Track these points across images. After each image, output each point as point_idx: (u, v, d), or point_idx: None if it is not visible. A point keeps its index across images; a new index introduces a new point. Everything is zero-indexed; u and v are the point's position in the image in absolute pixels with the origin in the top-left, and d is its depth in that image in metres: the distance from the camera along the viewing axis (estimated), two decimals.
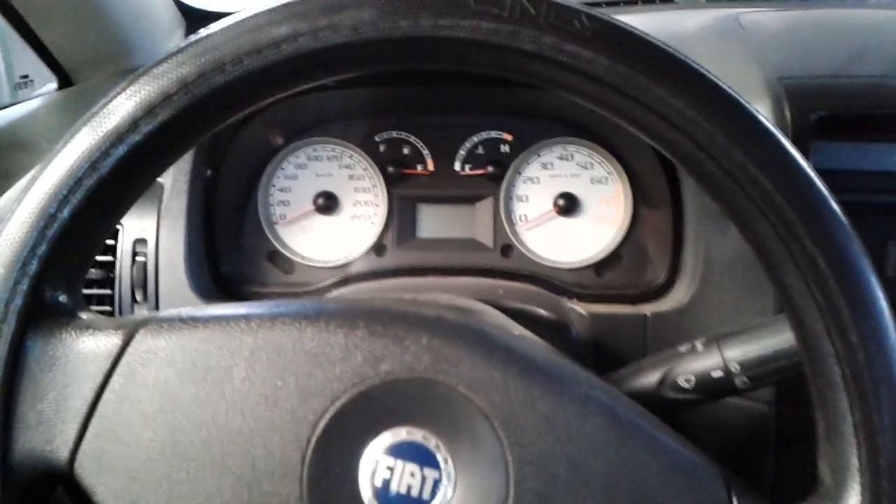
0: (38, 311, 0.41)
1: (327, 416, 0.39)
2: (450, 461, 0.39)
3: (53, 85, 1.00)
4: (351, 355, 0.40)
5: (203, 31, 0.40)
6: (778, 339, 0.53)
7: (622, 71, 0.37)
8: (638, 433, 0.41)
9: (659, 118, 0.38)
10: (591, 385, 0.42)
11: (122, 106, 0.40)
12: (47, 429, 0.40)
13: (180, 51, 0.40)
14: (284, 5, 0.39)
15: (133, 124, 0.40)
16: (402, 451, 0.39)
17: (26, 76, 1.11)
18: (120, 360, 0.41)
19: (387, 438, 0.39)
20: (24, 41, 0.93)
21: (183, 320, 0.42)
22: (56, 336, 0.42)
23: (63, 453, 0.40)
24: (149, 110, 0.39)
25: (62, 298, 0.43)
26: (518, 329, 0.57)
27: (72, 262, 0.43)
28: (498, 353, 0.41)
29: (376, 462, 0.39)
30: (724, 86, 0.38)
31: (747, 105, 0.38)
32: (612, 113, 0.40)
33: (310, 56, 0.39)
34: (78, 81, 0.99)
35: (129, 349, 0.41)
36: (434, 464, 0.39)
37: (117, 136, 0.40)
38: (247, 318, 0.42)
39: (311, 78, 0.41)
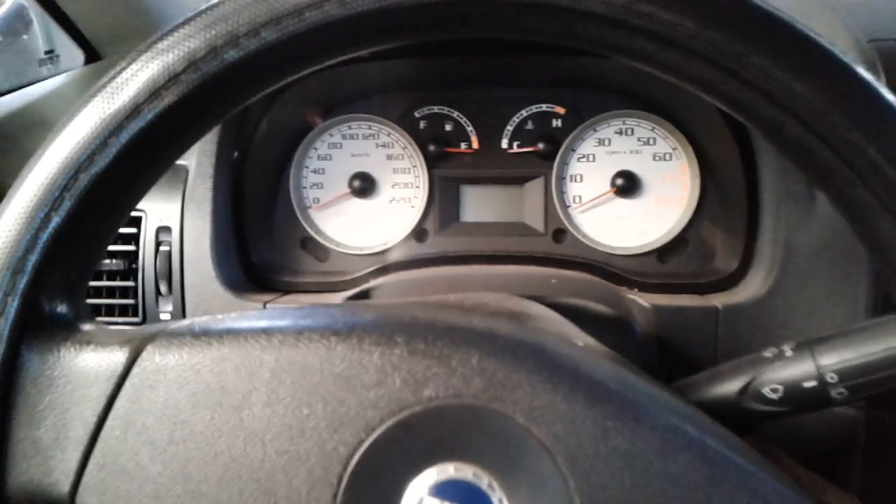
0: (33, 324, 0.38)
1: (362, 450, 0.35)
2: (505, 503, 0.34)
3: (80, 60, 0.99)
4: (388, 378, 0.36)
5: None
6: (883, 344, 0.48)
7: (713, 36, 0.32)
8: (732, 472, 0.35)
9: (759, 94, 0.33)
10: (674, 412, 0.37)
11: (122, 87, 0.36)
12: (45, 459, 0.37)
13: (187, 21, 0.36)
14: None
15: (135, 109, 0.36)
16: (450, 490, 0.35)
17: (51, 51, 1.09)
18: (125, 380, 0.37)
19: (431, 476, 0.35)
20: (48, 14, 0.92)
21: (195, 335, 0.38)
22: (54, 353, 0.38)
23: (63, 487, 0.37)
24: (153, 92, 0.35)
25: (61, 309, 0.40)
26: (582, 338, 0.52)
27: (71, 267, 0.40)
28: (562, 376, 0.36)
29: (419, 503, 0.34)
30: (838, 53, 0.33)
31: (869, 77, 0.33)
32: (699, 88, 0.35)
33: (338, 25, 0.34)
34: (106, 55, 0.98)
35: (136, 368, 0.37)
36: None
37: (116, 124, 0.36)
38: (268, 332, 0.38)
39: (340, 51, 0.37)
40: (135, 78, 0.36)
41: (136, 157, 0.37)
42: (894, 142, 0.32)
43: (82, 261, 0.40)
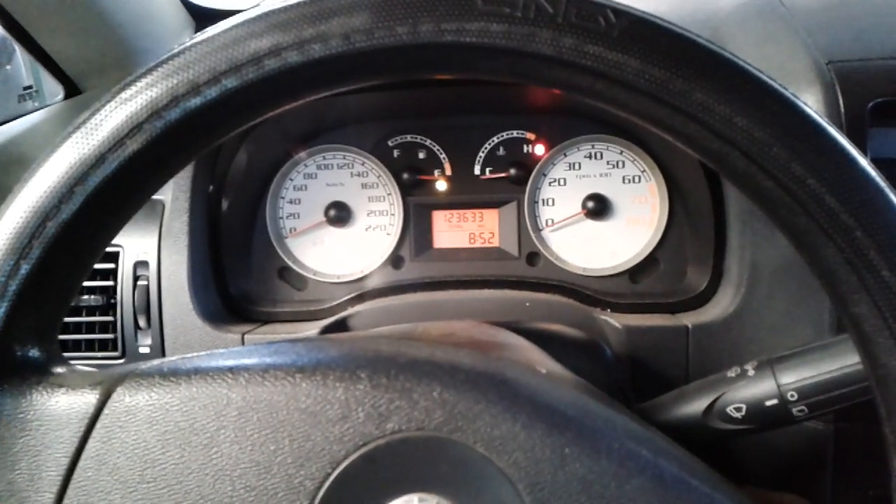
0: (5, 369, 0.38)
1: (328, 484, 0.35)
2: None
3: (61, 95, 0.98)
4: (353, 413, 0.36)
5: (177, 46, 0.36)
6: (839, 363, 0.49)
7: (656, 74, 0.33)
8: (686, 494, 0.36)
9: (702, 127, 0.34)
10: (630, 437, 0.37)
11: (87, 137, 0.36)
12: (20, 500, 0.37)
13: (149, 71, 0.36)
14: (265, 14, 0.35)
15: (99, 158, 0.36)
16: None
17: (30, 87, 1.09)
18: (96, 421, 0.37)
19: None
20: (27, 51, 0.91)
21: (164, 375, 0.38)
22: (27, 396, 0.38)
23: None
24: (117, 141, 0.36)
25: (33, 353, 0.40)
26: (547, 365, 0.52)
27: (42, 312, 0.39)
28: (522, 405, 0.36)
29: None
30: (778, 87, 0.34)
31: (807, 109, 0.33)
32: (646, 121, 0.35)
33: (296, 72, 0.35)
34: (85, 89, 0.97)
35: (106, 410, 0.37)
36: None
37: (82, 173, 0.36)
38: (234, 371, 0.38)
39: (299, 95, 0.37)
40: (99, 127, 0.36)
41: (103, 204, 0.37)
42: (833, 171, 0.33)
43: (53, 305, 0.40)
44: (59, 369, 0.40)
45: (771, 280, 0.70)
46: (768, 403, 0.50)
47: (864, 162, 0.33)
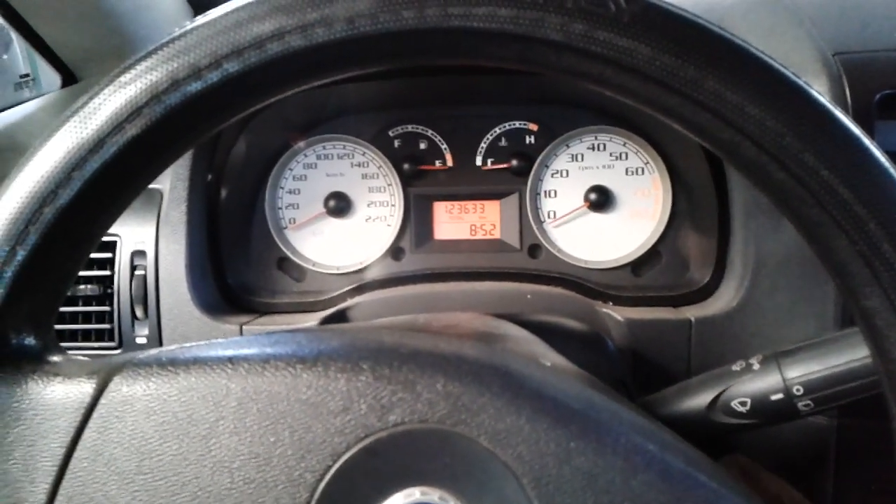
0: (0, 357, 0.38)
1: (329, 476, 0.35)
2: None
3: (58, 83, 0.97)
4: (354, 404, 0.35)
5: (177, 29, 0.36)
6: (847, 357, 0.48)
7: (667, 62, 0.32)
8: (693, 489, 0.35)
9: (713, 116, 0.33)
10: (637, 430, 0.37)
11: (85, 121, 0.36)
12: (14, 491, 0.37)
13: (150, 54, 0.35)
14: None
15: (98, 142, 0.35)
16: None
17: (26, 75, 1.08)
18: (93, 411, 0.37)
19: (398, 500, 0.35)
20: (23, 38, 0.91)
21: (162, 365, 0.38)
22: (22, 385, 0.38)
23: None
24: (116, 125, 0.35)
25: (28, 341, 0.39)
26: (550, 357, 0.52)
27: (38, 299, 0.39)
28: (526, 398, 0.36)
29: None
30: (791, 75, 0.33)
31: (821, 98, 0.33)
32: (656, 110, 0.35)
33: (300, 56, 0.34)
34: (83, 78, 0.96)
35: (103, 399, 0.37)
36: None
37: (80, 158, 0.36)
38: (234, 361, 0.37)
39: (302, 80, 0.37)
40: (98, 111, 0.35)
41: (101, 190, 0.37)
42: (846, 162, 0.32)
43: (49, 293, 0.40)
44: (55, 358, 0.40)
45: (775, 274, 0.69)
46: (774, 398, 0.50)
47: (878, 153, 0.32)
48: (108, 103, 0.35)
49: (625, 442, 0.35)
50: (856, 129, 0.32)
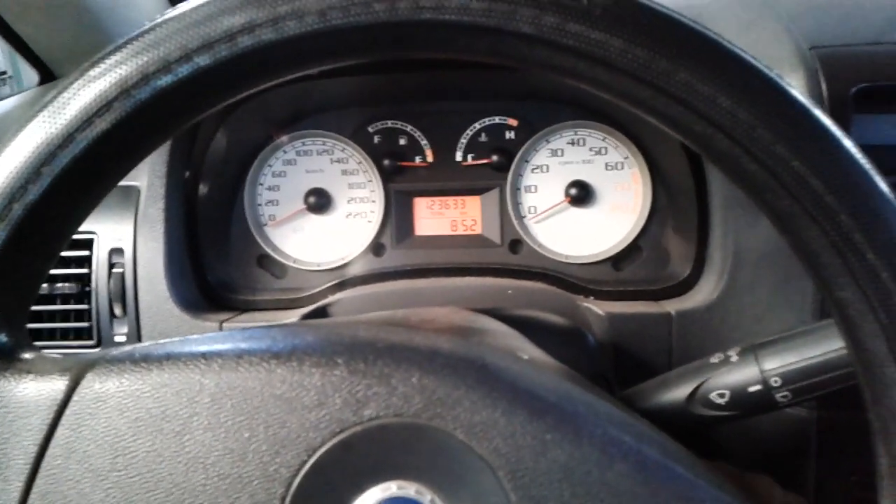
0: None
1: (304, 471, 0.35)
2: None
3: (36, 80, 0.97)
4: (329, 399, 0.35)
5: (147, 23, 0.35)
6: (823, 348, 0.49)
7: (639, 54, 0.32)
8: (669, 480, 0.35)
9: (685, 108, 0.33)
10: (613, 422, 0.37)
11: (54, 116, 0.35)
12: None
13: (119, 47, 0.35)
14: None
15: (67, 137, 0.35)
16: None
17: (3, 73, 1.07)
18: (66, 408, 0.37)
19: (374, 495, 0.35)
20: (2, 37, 0.90)
21: (135, 361, 0.38)
22: None
23: None
24: (85, 120, 0.35)
25: (0, 339, 0.39)
26: (528, 351, 0.52)
27: (10, 296, 0.39)
28: (502, 391, 0.36)
29: None
30: (762, 68, 0.33)
31: (793, 90, 0.33)
32: (629, 103, 0.35)
33: (271, 50, 0.34)
34: (61, 75, 0.96)
35: (76, 396, 0.37)
36: None
37: (49, 153, 0.35)
38: (208, 357, 0.37)
39: (274, 74, 0.36)
40: (67, 106, 0.35)
41: (72, 186, 0.36)
42: (818, 153, 0.32)
43: (20, 290, 0.39)
44: (28, 355, 0.39)
45: (754, 267, 0.70)
46: (752, 389, 0.50)
47: (849, 144, 0.33)
48: (78, 98, 0.35)
49: (601, 433, 0.35)
50: (827, 121, 0.33)
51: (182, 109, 0.37)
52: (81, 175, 0.36)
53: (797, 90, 0.33)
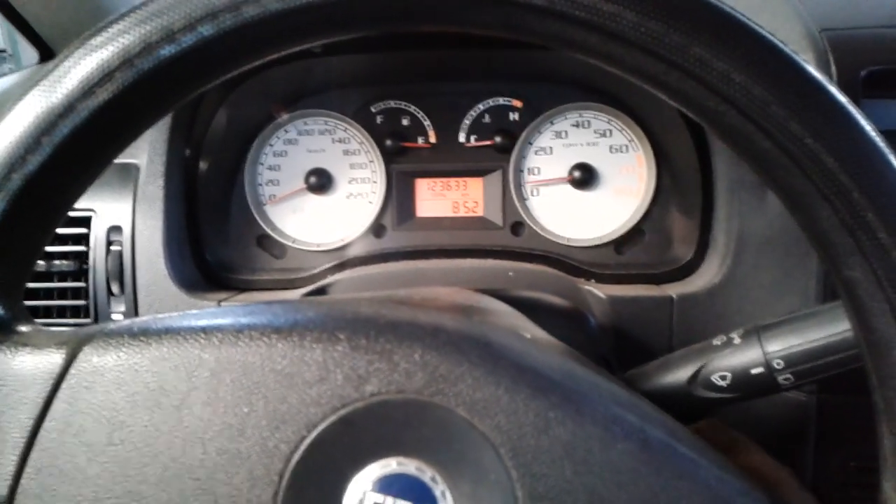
0: None
1: (303, 447, 0.34)
2: (448, 496, 0.34)
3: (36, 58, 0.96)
4: (330, 374, 0.35)
5: None
6: (827, 331, 0.48)
7: (653, 27, 0.32)
8: (672, 459, 0.35)
9: (698, 83, 0.33)
10: (616, 401, 0.37)
11: (55, 85, 0.35)
12: None
13: (122, 17, 0.34)
14: None
15: (68, 107, 0.35)
16: (393, 485, 0.34)
17: (3, 50, 1.06)
18: (62, 382, 0.36)
19: (374, 471, 0.34)
20: (1, 14, 0.90)
21: (133, 335, 0.37)
22: None
23: (0, 490, 0.36)
24: (86, 90, 0.34)
25: None
26: (531, 330, 0.51)
27: (7, 268, 0.38)
28: (505, 368, 0.35)
29: (362, 498, 0.34)
30: (778, 43, 0.33)
31: (808, 67, 0.33)
32: (640, 78, 0.34)
33: (278, 19, 0.33)
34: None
35: (72, 370, 0.36)
36: (430, 499, 0.34)
37: (50, 123, 0.35)
38: (207, 331, 0.37)
39: (281, 45, 0.36)
40: (68, 75, 0.34)
41: (72, 157, 0.36)
42: (832, 130, 0.32)
43: (18, 262, 0.39)
44: (25, 328, 0.39)
45: (757, 251, 0.69)
46: (754, 371, 0.50)
47: (865, 122, 0.32)
48: (79, 67, 0.34)
49: (604, 412, 0.35)
50: (843, 98, 0.32)
51: (184, 80, 0.36)
52: (82, 146, 0.36)
53: (814, 69, 0.33)
